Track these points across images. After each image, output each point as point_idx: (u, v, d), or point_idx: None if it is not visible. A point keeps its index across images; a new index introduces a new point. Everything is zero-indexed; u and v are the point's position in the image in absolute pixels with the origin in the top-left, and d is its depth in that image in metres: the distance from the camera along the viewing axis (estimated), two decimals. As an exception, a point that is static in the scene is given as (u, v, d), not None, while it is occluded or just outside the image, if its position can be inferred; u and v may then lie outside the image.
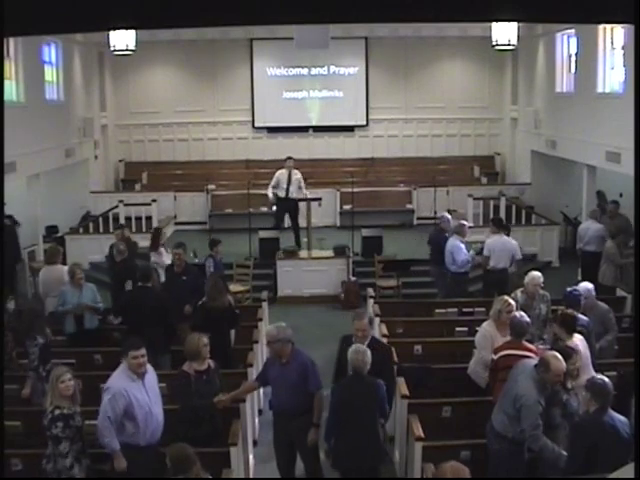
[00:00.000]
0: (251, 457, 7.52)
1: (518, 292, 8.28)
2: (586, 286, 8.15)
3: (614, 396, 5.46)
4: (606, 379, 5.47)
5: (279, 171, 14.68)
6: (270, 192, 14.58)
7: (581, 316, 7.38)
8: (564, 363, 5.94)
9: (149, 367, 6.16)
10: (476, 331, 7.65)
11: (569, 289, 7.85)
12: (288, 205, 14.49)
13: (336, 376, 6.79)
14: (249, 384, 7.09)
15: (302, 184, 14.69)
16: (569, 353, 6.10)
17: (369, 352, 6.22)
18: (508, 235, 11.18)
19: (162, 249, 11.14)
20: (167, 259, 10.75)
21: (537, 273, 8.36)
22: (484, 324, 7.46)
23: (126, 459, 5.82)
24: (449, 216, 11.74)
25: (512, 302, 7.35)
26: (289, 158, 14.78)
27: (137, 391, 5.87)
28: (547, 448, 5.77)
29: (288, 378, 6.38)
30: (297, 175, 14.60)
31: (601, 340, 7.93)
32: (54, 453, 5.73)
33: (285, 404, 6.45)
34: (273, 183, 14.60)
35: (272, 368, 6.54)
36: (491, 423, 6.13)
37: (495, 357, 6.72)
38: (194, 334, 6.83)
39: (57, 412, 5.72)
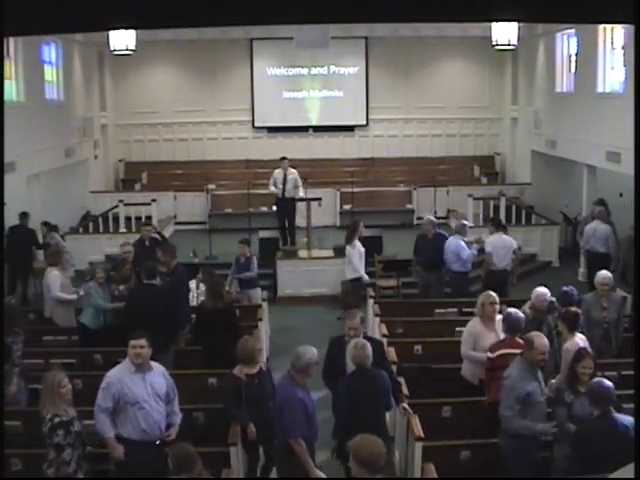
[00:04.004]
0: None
1: (526, 308, 8.20)
2: (607, 273, 8.31)
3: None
4: (606, 382, 5.40)
5: (276, 171, 14.72)
6: (273, 188, 14.64)
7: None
8: (546, 340, 6.06)
9: (159, 368, 6.15)
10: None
11: (565, 288, 7.91)
12: (286, 205, 14.53)
13: (324, 377, 6.76)
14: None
15: (299, 182, 14.69)
16: (582, 355, 6.01)
17: (369, 344, 6.20)
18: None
19: (357, 242, 11.46)
20: (357, 253, 11.23)
21: (542, 289, 8.13)
22: (470, 322, 7.48)
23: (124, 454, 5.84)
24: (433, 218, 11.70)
25: (494, 295, 7.36)
26: (284, 158, 14.79)
27: (133, 383, 5.88)
28: (525, 429, 5.80)
29: (311, 399, 6.14)
30: (292, 174, 14.63)
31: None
32: (56, 460, 5.65)
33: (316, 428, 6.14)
34: (271, 182, 14.68)
35: (305, 398, 5.96)
36: (500, 424, 6.16)
37: (492, 356, 6.74)
38: (248, 337, 6.79)
39: (57, 420, 5.64)
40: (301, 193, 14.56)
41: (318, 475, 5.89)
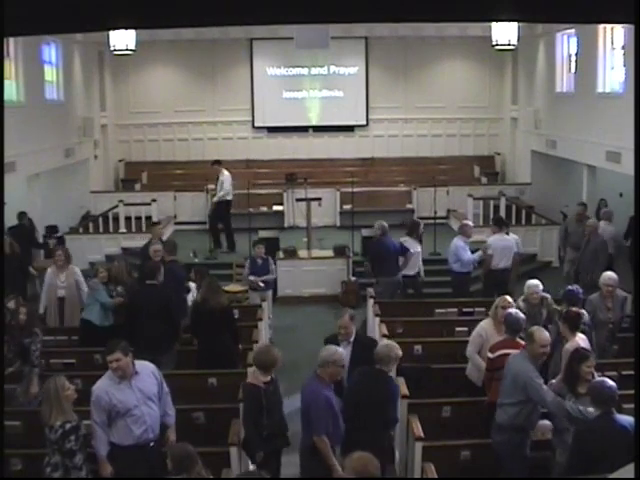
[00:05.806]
0: (251, 457, 7.52)
1: (520, 301, 8.23)
2: (611, 274, 8.33)
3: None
4: (609, 382, 5.38)
5: None
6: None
7: (584, 313, 7.40)
8: (547, 334, 6.08)
9: (146, 368, 6.01)
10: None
11: (570, 287, 7.91)
12: (218, 207, 14.83)
13: None
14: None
15: (225, 185, 14.81)
16: (586, 355, 5.95)
17: (398, 348, 6.25)
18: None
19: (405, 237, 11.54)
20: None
21: (534, 281, 8.24)
22: (482, 322, 7.53)
23: (116, 459, 5.78)
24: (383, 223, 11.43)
25: (510, 299, 7.41)
26: (214, 162, 15.16)
27: (121, 393, 5.76)
28: (579, 413, 5.63)
29: (337, 399, 6.10)
30: (221, 177, 14.84)
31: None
32: (64, 465, 5.61)
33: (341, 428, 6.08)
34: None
35: (332, 397, 5.94)
36: (495, 421, 6.16)
37: (492, 356, 6.73)
38: (270, 345, 6.74)
39: (68, 426, 5.59)
40: (220, 194, 14.74)
41: (341, 474, 5.81)
